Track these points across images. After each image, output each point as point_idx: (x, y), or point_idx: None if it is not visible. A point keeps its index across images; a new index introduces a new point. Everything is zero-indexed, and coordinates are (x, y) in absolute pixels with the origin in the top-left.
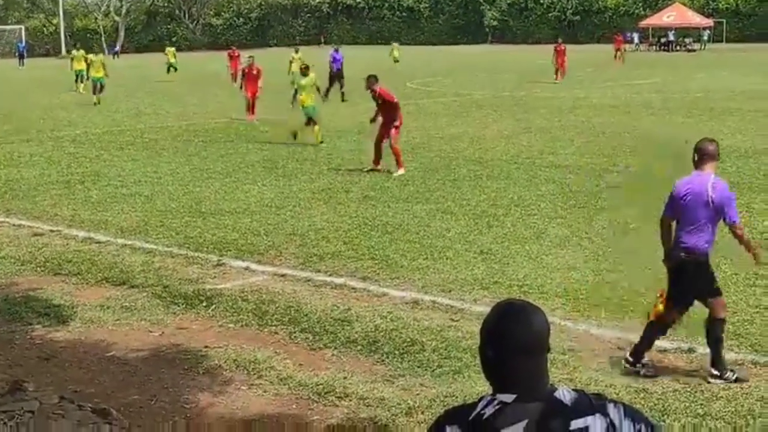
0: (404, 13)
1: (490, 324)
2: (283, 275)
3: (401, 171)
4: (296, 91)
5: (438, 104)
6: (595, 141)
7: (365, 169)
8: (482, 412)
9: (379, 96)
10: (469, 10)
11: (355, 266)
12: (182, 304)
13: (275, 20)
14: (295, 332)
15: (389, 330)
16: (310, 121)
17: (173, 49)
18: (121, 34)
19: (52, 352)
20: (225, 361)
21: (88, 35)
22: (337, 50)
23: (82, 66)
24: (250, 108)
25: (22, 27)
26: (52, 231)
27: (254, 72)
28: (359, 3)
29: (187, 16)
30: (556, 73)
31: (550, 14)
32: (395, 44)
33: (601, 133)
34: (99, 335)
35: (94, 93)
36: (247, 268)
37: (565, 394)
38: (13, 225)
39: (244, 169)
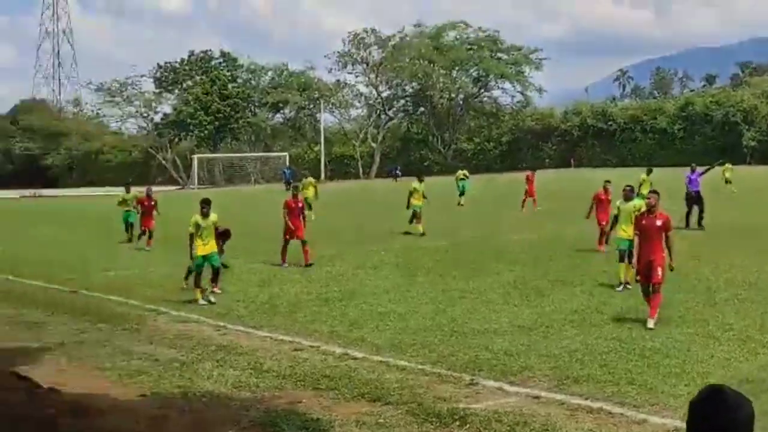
0: (657, 135)
1: (695, 404)
2: (536, 397)
3: (651, 322)
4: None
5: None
6: None
7: (617, 289)
8: None
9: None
10: (726, 130)
11: (611, 390)
12: (436, 423)
13: (525, 144)
14: None
15: None
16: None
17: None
18: (377, 159)
19: None
20: None
21: (345, 161)
22: (693, 170)
23: (311, 193)
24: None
25: (287, 154)
26: (311, 346)
27: None
28: (610, 126)
29: (439, 141)
30: None
31: None
32: (728, 164)
33: None
34: None
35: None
36: (500, 389)
37: None
38: (276, 340)
39: (496, 289)
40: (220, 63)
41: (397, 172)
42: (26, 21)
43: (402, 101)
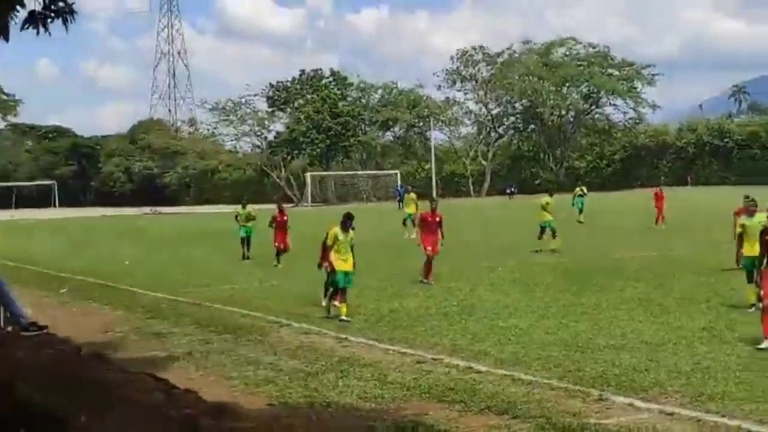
0: None
1: None
2: (670, 414)
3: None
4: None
5: None
6: None
7: (749, 310)
8: None
9: None
10: None
11: (749, 408)
12: None
13: (639, 161)
14: None
15: None
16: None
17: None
18: (488, 177)
19: None
20: None
21: (456, 179)
22: None
23: (412, 209)
24: None
25: (398, 172)
26: (434, 359)
27: None
28: (727, 143)
29: (551, 159)
30: None
31: None
32: None
33: None
34: None
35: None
36: (631, 405)
37: None
38: (398, 353)
39: (620, 305)
40: (330, 82)
41: (513, 189)
42: (143, 43)
43: (512, 118)
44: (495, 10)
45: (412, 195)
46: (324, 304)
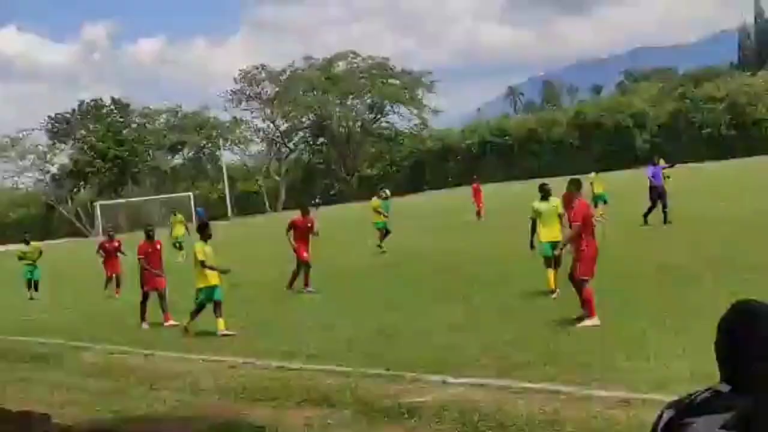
0: (554, 146)
1: (728, 320)
2: (481, 385)
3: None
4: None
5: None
6: None
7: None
8: (696, 397)
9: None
10: (620, 136)
11: (553, 371)
12: (384, 418)
13: (427, 165)
14: None
15: (603, 429)
16: None
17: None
18: (282, 193)
19: None
20: None
21: (250, 197)
22: (655, 164)
23: (182, 232)
24: None
25: (191, 194)
26: (245, 363)
27: None
28: (508, 140)
29: (343, 169)
30: None
31: (702, 132)
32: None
33: None
34: None
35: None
36: (443, 381)
37: None
38: (209, 361)
39: (426, 296)
40: (111, 110)
41: (318, 201)
42: None
43: (301, 133)
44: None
45: (180, 216)
46: (185, 324)
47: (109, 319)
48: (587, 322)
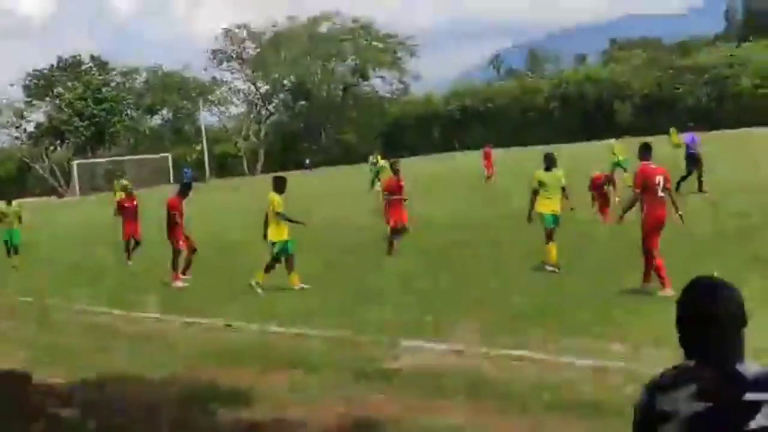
0: (535, 114)
1: (683, 297)
2: (459, 351)
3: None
4: None
5: None
6: None
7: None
8: (664, 374)
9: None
10: (600, 106)
11: (534, 338)
12: (363, 382)
13: (409, 131)
14: (483, 400)
15: (580, 395)
16: None
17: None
18: (261, 156)
19: None
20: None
21: (229, 159)
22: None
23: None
24: None
25: (169, 155)
26: (226, 326)
27: None
28: (491, 108)
29: (323, 134)
30: None
31: (684, 103)
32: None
33: None
34: (288, 415)
35: None
36: (420, 347)
37: (750, 368)
38: (187, 323)
39: (409, 262)
40: (90, 68)
41: (309, 164)
42: None
43: (281, 95)
44: None
45: (123, 182)
46: (256, 279)
47: (88, 279)
48: (664, 293)
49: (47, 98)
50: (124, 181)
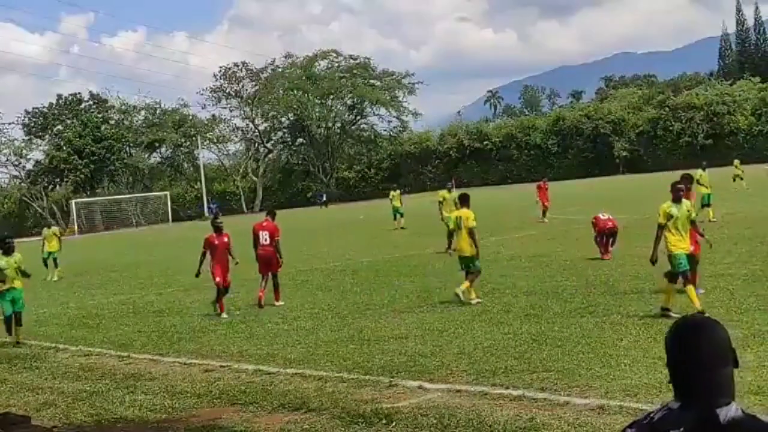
0: (533, 152)
1: (669, 337)
2: (458, 391)
3: None
4: None
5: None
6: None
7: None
8: (653, 416)
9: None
10: (598, 142)
11: (530, 378)
12: (362, 423)
13: (406, 168)
14: None
15: None
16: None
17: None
18: (259, 193)
19: None
20: None
21: (227, 197)
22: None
23: (54, 247)
24: None
25: (167, 194)
26: (222, 366)
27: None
28: (486, 145)
29: (321, 171)
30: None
31: (680, 140)
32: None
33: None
34: None
35: None
36: (420, 387)
37: (728, 412)
38: (185, 364)
39: (399, 300)
40: (90, 105)
41: (323, 197)
42: None
43: (279, 133)
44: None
45: (54, 229)
46: (465, 288)
47: (85, 321)
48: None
49: (47, 136)
50: (54, 228)
